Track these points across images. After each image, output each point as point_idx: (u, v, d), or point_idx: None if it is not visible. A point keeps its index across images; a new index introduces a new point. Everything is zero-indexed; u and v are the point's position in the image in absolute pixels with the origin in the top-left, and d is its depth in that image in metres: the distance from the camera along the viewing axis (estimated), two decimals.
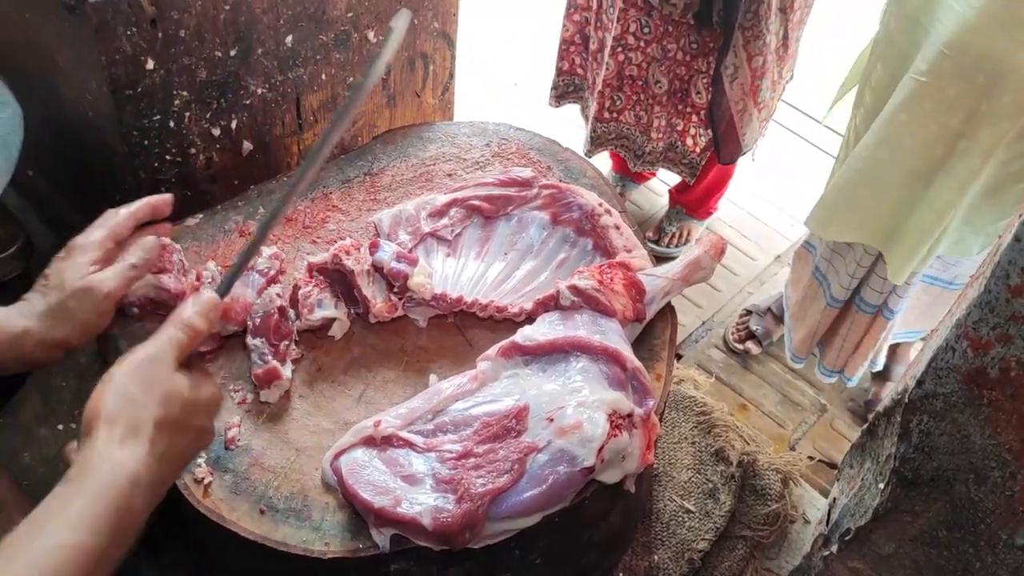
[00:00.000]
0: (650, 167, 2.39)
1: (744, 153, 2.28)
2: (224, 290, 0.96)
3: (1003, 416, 0.98)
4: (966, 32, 1.49)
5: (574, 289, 1.24)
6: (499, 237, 1.37)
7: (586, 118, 2.46)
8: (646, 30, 2.08)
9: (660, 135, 2.28)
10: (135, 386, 0.81)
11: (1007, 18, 1.46)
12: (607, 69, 2.19)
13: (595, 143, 2.38)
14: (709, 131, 2.23)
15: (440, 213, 1.37)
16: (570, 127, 3.01)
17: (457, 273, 1.32)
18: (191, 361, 0.89)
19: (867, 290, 1.95)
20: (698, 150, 2.29)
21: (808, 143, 3.17)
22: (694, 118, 2.23)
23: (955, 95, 1.53)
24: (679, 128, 2.27)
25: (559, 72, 2.43)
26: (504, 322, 1.29)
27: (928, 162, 1.62)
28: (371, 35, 1.57)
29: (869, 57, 1.78)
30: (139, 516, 0.78)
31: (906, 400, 1.07)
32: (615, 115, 2.30)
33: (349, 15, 1.52)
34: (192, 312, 0.88)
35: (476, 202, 1.39)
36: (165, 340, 0.85)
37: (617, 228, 1.36)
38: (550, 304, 1.26)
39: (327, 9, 1.48)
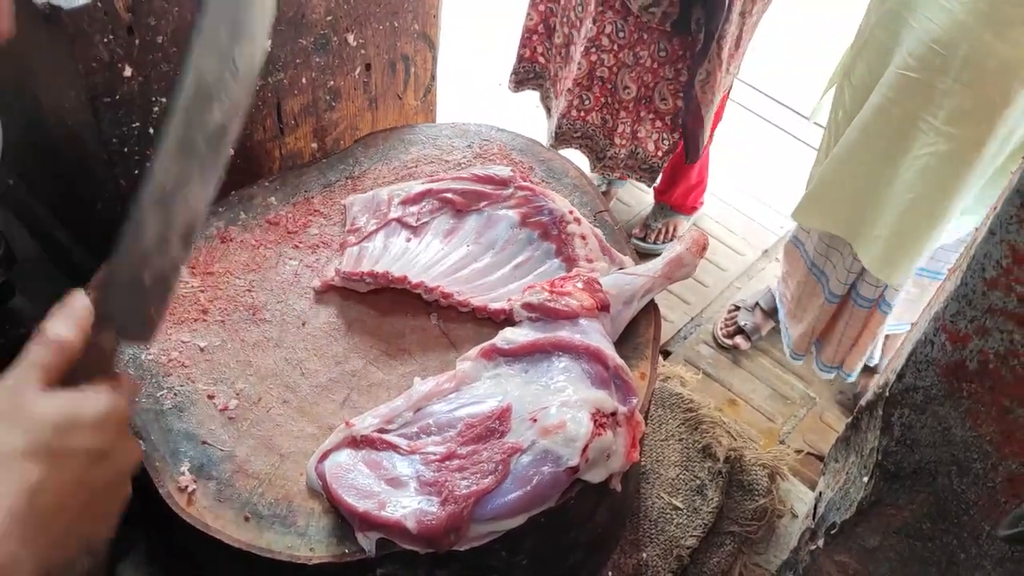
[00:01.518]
0: (609, 172, 2.40)
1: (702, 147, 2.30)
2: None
3: (983, 408, 0.98)
4: (953, 27, 1.49)
5: (528, 306, 1.25)
6: (466, 231, 1.39)
7: (547, 108, 2.47)
8: (621, 34, 2.09)
9: (623, 141, 2.30)
10: None
11: (994, 14, 1.45)
12: (579, 68, 2.20)
13: (559, 139, 2.39)
14: (674, 135, 2.25)
15: (412, 201, 1.39)
16: None
17: (414, 255, 1.34)
18: (78, 375, 0.75)
19: (863, 284, 1.96)
20: (660, 154, 2.31)
21: (794, 138, 3.18)
22: (657, 123, 2.25)
23: (943, 90, 1.53)
24: (640, 135, 2.29)
25: (520, 59, 2.44)
26: (488, 324, 1.29)
27: (910, 159, 1.62)
28: (351, 38, 1.57)
29: (849, 53, 1.78)
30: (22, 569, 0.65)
31: (887, 394, 1.07)
32: (583, 114, 2.31)
33: (328, 19, 1.52)
34: (57, 323, 0.75)
35: (450, 195, 1.40)
36: (25, 364, 0.73)
37: (583, 238, 1.36)
38: (499, 318, 1.28)
39: (306, 13, 1.48)
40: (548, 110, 2.46)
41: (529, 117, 3.07)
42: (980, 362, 0.95)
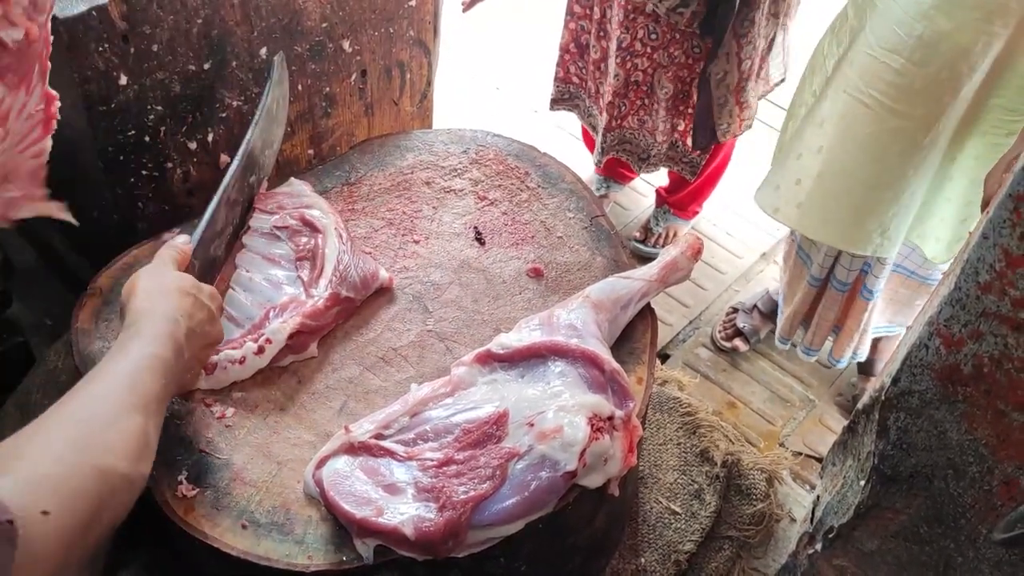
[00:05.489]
0: (654, 169, 2.40)
1: (719, 142, 2.32)
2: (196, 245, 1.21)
3: (978, 412, 0.98)
4: (913, 8, 1.56)
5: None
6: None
7: (592, 128, 2.47)
8: (653, 36, 2.10)
9: (664, 137, 2.31)
10: (152, 285, 1.05)
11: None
12: (616, 79, 2.20)
13: (604, 152, 2.41)
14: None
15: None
16: (553, 131, 3.02)
17: None
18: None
19: (839, 268, 1.99)
20: (699, 151, 2.32)
21: None
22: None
23: (896, 69, 1.60)
24: (680, 128, 2.30)
25: (555, 79, 2.46)
26: (485, 329, 1.29)
27: (872, 135, 1.66)
28: (346, 45, 1.57)
29: (828, 42, 1.82)
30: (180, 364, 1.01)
31: (883, 398, 1.07)
32: (619, 121, 2.31)
33: (323, 26, 1.52)
34: (178, 239, 1.18)
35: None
36: (161, 257, 1.12)
37: None
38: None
39: (301, 20, 1.48)
40: (594, 128, 2.47)
41: (529, 122, 3.07)
42: (975, 366, 0.95)
